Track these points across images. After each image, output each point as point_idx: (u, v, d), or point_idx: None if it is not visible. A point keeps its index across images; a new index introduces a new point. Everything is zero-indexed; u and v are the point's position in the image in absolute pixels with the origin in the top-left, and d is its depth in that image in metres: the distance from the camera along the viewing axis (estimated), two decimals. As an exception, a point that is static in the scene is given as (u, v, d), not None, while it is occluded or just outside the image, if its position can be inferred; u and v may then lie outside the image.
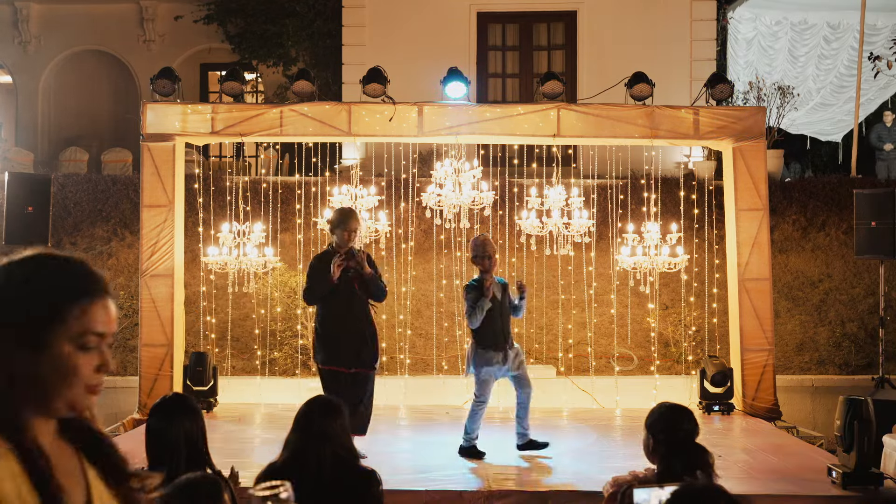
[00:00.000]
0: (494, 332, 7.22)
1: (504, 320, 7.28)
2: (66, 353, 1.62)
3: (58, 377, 1.61)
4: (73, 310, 1.63)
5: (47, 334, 1.60)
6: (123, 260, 11.70)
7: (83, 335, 1.63)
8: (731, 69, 14.08)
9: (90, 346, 1.65)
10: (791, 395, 10.32)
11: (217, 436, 8.06)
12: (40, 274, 1.65)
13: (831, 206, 11.92)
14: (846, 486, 6.16)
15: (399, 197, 10.96)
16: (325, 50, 14.34)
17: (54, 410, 1.64)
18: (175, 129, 9.44)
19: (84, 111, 17.16)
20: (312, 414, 3.81)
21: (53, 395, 1.62)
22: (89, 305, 1.66)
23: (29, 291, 1.62)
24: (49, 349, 1.60)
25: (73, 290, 1.65)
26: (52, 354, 1.61)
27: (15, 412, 1.59)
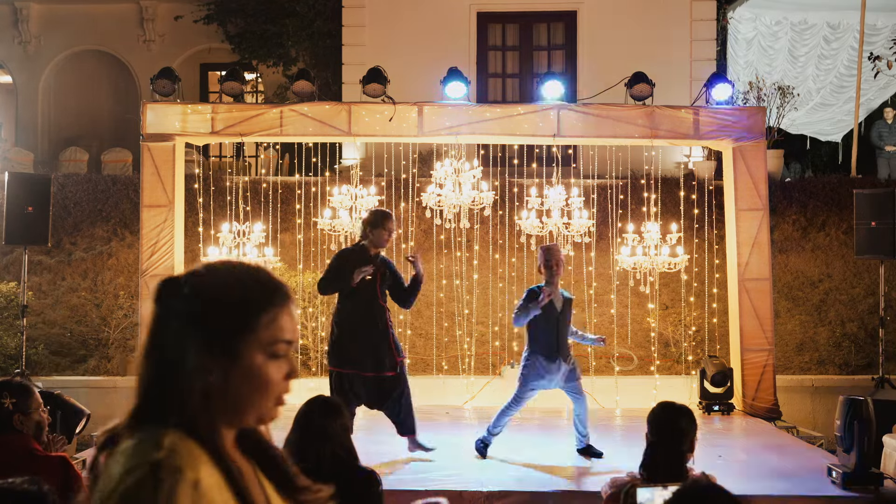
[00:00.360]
0: (548, 342, 7.15)
1: (561, 333, 7.19)
2: (258, 363, 1.60)
3: (250, 387, 1.60)
4: (263, 319, 1.61)
5: (239, 344, 1.58)
6: (123, 260, 11.70)
7: (273, 344, 1.62)
8: (731, 69, 14.07)
9: (280, 354, 1.63)
10: (791, 395, 10.31)
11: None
12: (233, 284, 1.63)
13: (831, 206, 11.92)
14: (846, 486, 6.16)
15: (399, 197, 10.96)
16: (325, 50, 14.34)
17: (244, 421, 1.63)
18: (175, 129, 9.44)
19: (84, 111, 17.16)
20: (312, 414, 3.81)
21: (246, 405, 1.61)
22: (278, 314, 1.63)
23: (223, 302, 1.60)
24: (241, 359, 1.59)
25: (262, 299, 1.63)
26: (245, 365, 1.59)
27: (208, 423, 1.57)
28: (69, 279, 11.58)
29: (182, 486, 1.45)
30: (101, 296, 11.34)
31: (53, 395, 6.14)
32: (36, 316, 11.03)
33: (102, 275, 11.59)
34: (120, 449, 1.52)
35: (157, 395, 1.57)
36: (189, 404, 1.55)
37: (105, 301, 11.24)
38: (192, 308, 1.59)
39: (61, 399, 6.13)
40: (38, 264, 11.64)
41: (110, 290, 11.39)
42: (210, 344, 1.57)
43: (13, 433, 3.94)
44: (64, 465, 3.95)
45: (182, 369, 1.56)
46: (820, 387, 10.51)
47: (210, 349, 1.57)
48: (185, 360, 1.56)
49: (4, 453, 3.85)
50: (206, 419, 1.57)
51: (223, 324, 1.58)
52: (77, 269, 11.69)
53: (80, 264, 11.73)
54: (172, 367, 1.57)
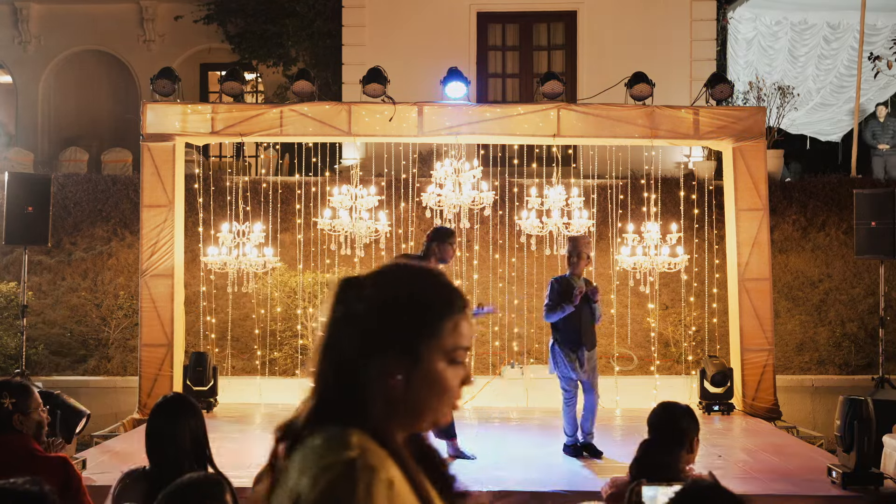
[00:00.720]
0: (572, 332, 7.31)
1: (584, 322, 7.33)
2: (439, 368, 1.61)
3: (431, 392, 1.61)
4: (447, 324, 1.62)
5: (423, 349, 1.59)
6: (123, 260, 11.70)
7: (455, 350, 1.62)
8: (731, 69, 14.07)
9: (459, 360, 1.64)
10: (791, 395, 10.31)
11: (217, 436, 8.05)
12: (417, 289, 1.64)
13: (831, 206, 11.92)
14: (846, 486, 6.16)
15: (399, 197, 10.96)
16: (325, 50, 14.33)
17: (421, 425, 1.64)
18: (175, 129, 9.44)
19: (84, 111, 17.15)
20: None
21: (425, 409, 1.62)
22: (459, 320, 1.64)
23: (409, 306, 1.61)
24: (424, 364, 1.59)
25: (445, 304, 1.63)
26: (427, 369, 1.60)
27: (389, 425, 1.58)
28: (69, 279, 11.58)
29: (378, 484, 1.46)
30: (101, 296, 11.34)
31: (53, 395, 6.14)
32: (36, 316, 11.03)
33: (102, 275, 11.59)
34: (308, 446, 1.54)
35: (336, 395, 1.59)
36: (371, 406, 1.57)
37: (105, 301, 11.24)
38: (376, 311, 1.60)
39: (61, 399, 6.12)
40: (38, 264, 11.64)
41: (110, 290, 11.40)
42: (394, 347, 1.58)
43: (13, 433, 3.94)
44: (64, 466, 3.95)
45: (364, 371, 1.57)
46: (820, 387, 10.51)
47: (394, 353, 1.58)
48: (368, 362, 1.58)
49: (4, 453, 3.85)
50: (386, 421, 1.58)
51: (408, 328, 1.59)
52: (77, 269, 11.69)
53: (80, 264, 11.73)
54: (353, 367, 1.58)
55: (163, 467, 3.57)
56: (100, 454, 7.44)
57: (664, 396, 8.43)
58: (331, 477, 1.46)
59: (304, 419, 1.59)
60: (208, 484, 2.94)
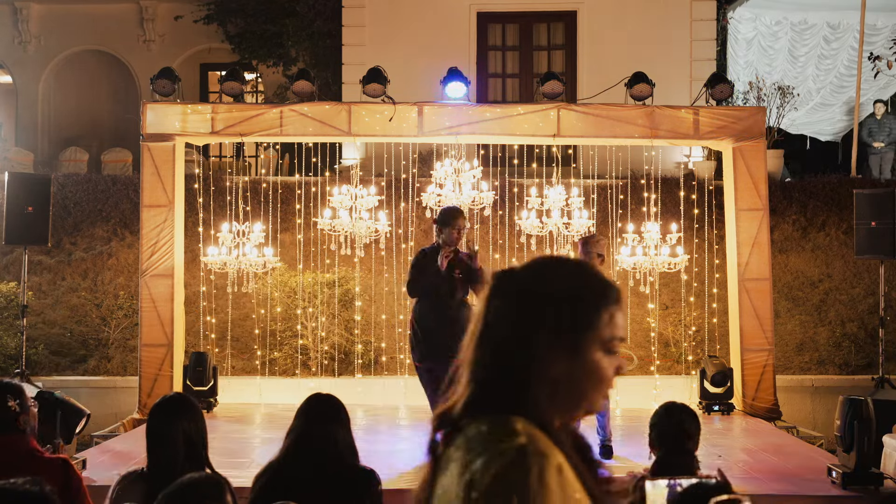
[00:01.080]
0: None
1: None
2: (597, 358, 1.65)
3: (590, 382, 1.65)
4: (605, 315, 1.67)
5: (583, 340, 1.64)
6: (123, 260, 11.70)
7: (611, 340, 1.67)
8: (731, 69, 14.07)
9: (614, 350, 1.68)
10: (791, 395, 10.32)
11: (217, 436, 8.05)
12: (575, 281, 1.69)
13: (831, 206, 11.92)
14: (846, 486, 6.16)
15: (399, 197, 10.96)
16: (325, 50, 14.33)
17: (577, 413, 1.68)
18: (175, 129, 9.44)
19: (84, 111, 17.16)
20: (312, 412, 3.80)
21: (583, 399, 1.66)
22: (615, 311, 1.69)
23: (569, 298, 1.66)
24: (583, 354, 1.64)
25: (603, 296, 1.69)
26: (586, 359, 1.64)
27: (549, 413, 1.62)
28: (69, 279, 11.58)
29: (550, 469, 1.50)
30: (101, 296, 11.34)
31: (53, 395, 6.14)
32: (36, 316, 11.03)
33: (102, 275, 11.59)
34: (472, 433, 1.57)
35: (496, 384, 1.62)
36: (532, 395, 1.61)
37: (105, 301, 11.24)
38: (537, 302, 1.64)
39: (61, 399, 6.12)
40: (38, 264, 11.64)
41: (110, 290, 11.39)
42: (555, 338, 1.62)
43: (15, 434, 3.95)
44: (64, 466, 3.96)
45: (525, 361, 1.62)
46: (820, 387, 10.51)
47: (555, 343, 1.62)
48: (529, 353, 1.62)
49: (5, 454, 3.86)
50: (547, 409, 1.62)
51: (569, 319, 1.64)
52: (77, 269, 11.69)
53: (80, 264, 11.73)
54: (513, 358, 1.62)
55: (160, 468, 3.58)
56: (100, 454, 7.43)
57: (664, 396, 8.44)
58: (503, 462, 1.49)
59: (462, 408, 1.64)
60: (208, 484, 2.94)
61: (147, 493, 3.44)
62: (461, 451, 1.55)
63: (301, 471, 3.66)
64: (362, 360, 10.58)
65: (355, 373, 10.50)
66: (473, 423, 1.59)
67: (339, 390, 7.59)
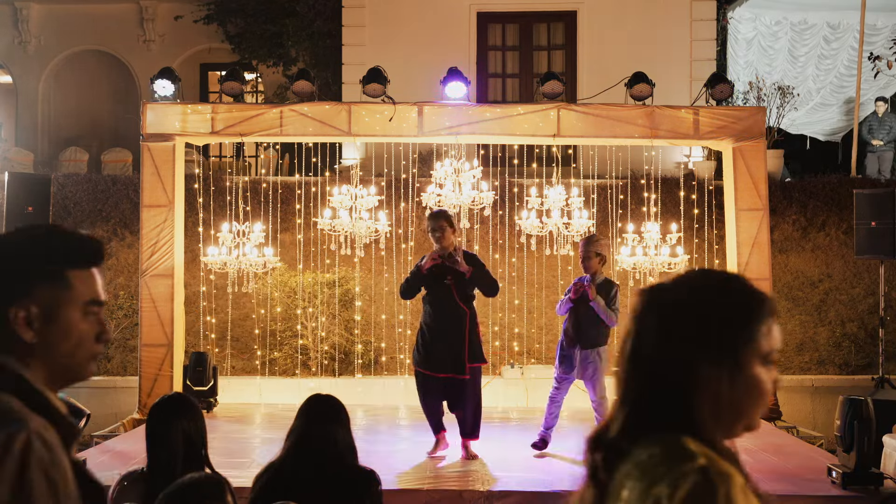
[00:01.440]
0: (567, 329, 7.35)
1: (580, 321, 7.28)
2: (756, 372, 1.63)
3: (750, 397, 1.64)
4: (763, 328, 1.65)
5: (743, 354, 1.62)
6: (123, 260, 11.70)
7: (770, 353, 1.65)
8: (731, 69, 14.07)
9: (772, 362, 1.67)
10: (791, 395, 10.31)
11: (217, 436, 8.06)
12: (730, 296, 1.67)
13: (831, 206, 11.91)
14: (846, 486, 6.16)
15: (399, 197, 10.96)
16: (325, 50, 14.33)
17: (739, 429, 1.68)
18: (175, 129, 9.44)
19: (84, 111, 17.16)
20: (312, 412, 3.80)
21: (743, 414, 1.66)
22: (771, 323, 1.67)
23: (728, 313, 1.64)
24: (744, 369, 1.62)
25: (759, 309, 1.67)
26: (747, 374, 1.62)
27: (714, 432, 1.62)
28: (69, 279, 11.57)
29: (735, 489, 1.50)
30: (101, 296, 11.33)
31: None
32: (36, 316, 11.02)
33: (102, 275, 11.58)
34: (642, 459, 1.55)
35: (656, 403, 1.60)
36: (697, 412, 1.60)
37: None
38: (695, 320, 1.62)
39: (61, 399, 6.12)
40: (38, 264, 11.63)
41: (110, 290, 11.39)
42: (716, 354, 1.60)
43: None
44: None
45: (687, 379, 1.60)
46: (820, 387, 10.51)
47: (717, 360, 1.60)
48: (690, 371, 1.60)
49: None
50: (712, 427, 1.61)
51: (729, 334, 1.62)
52: (77, 269, 11.68)
53: (80, 264, 11.72)
54: (673, 377, 1.60)
55: (159, 468, 3.58)
56: (100, 454, 7.44)
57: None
58: (689, 486, 1.47)
59: (621, 430, 1.61)
60: (209, 484, 2.95)
61: (147, 493, 3.44)
62: (634, 477, 1.53)
63: (301, 471, 3.67)
64: (362, 360, 10.58)
65: (355, 373, 10.50)
66: (642, 447, 1.56)
67: (339, 390, 7.60)
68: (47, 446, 1.60)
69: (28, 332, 1.69)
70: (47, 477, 1.58)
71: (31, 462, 1.56)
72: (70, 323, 1.74)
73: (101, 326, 1.79)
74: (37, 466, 1.57)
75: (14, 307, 1.68)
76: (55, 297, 1.71)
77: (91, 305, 1.78)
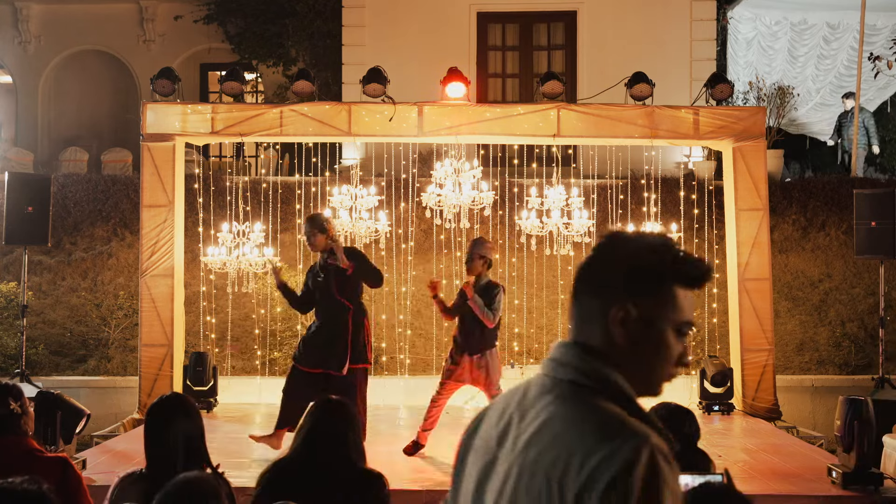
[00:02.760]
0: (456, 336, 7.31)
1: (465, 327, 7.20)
2: None
3: None
4: None
5: None
6: (123, 260, 11.70)
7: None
8: (731, 69, 14.07)
9: None
10: (791, 395, 10.31)
11: (217, 436, 8.07)
12: None
13: (831, 206, 11.92)
14: (846, 486, 6.16)
15: (399, 197, 10.96)
16: (325, 50, 14.34)
17: None
18: (175, 129, 9.44)
19: (84, 111, 17.16)
20: (320, 414, 3.80)
21: None
22: None
23: None
24: None
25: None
26: None
27: None
28: (69, 279, 11.58)
29: None
30: (101, 296, 11.34)
31: (53, 395, 6.14)
32: (36, 316, 11.03)
33: (102, 275, 11.59)
34: None
35: None
36: None
37: (105, 301, 11.24)
38: None
39: (61, 399, 6.12)
40: (38, 264, 11.64)
41: (110, 290, 11.39)
42: None
43: (15, 435, 3.96)
44: (63, 465, 3.96)
45: None
46: (820, 387, 10.51)
47: None
48: None
49: (6, 455, 3.86)
50: None
51: None
52: (77, 269, 11.69)
53: (80, 264, 11.73)
54: None
55: (158, 468, 3.58)
56: (100, 454, 7.44)
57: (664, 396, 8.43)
58: None
59: None
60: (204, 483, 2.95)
61: (146, 493, 3.43)
62: None
63: (308, 471, 3.67)
64: (362, 360, 10.57)
65: (355, 373, 10.50)
66: None
67: (338, 390, 7.60)
68: (667, 460, 1.54)
69: (621, 332, 1.68)
70: (673, 494, 1.51)
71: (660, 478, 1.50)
72: (663, 337, 1.72)
73: (685, 350, 1.78)
74: (663, 483, 1.50)
75: (615, 307, 1.68)
76: (656, 308, 1.71)
77: (684, 326, 1.77)
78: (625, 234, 1.79)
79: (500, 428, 1.66)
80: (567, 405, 1.59)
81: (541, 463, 1.53)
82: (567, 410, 1.58)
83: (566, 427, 1.55)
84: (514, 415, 1.65)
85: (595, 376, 1.63)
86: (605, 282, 1.70)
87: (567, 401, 1.60)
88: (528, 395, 1.67)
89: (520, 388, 1.72)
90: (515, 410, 1.66)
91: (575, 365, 1.65)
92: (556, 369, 1.66)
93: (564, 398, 1.61)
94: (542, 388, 1.65)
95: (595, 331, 1.68)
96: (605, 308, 1.67)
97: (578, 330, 1.71)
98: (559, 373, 1.66)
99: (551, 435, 1.55)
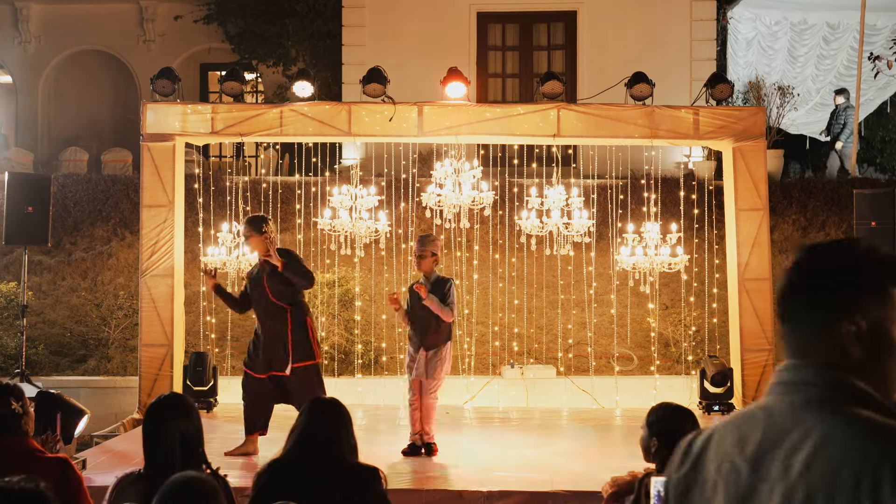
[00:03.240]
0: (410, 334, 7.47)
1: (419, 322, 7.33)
2: None
3: None
4: None
5: None
6: (123, 260, 11.70)
7: None
8: (731, 69, 14.07)
9: None
10: (791, 395, 10.30)
11: (217, 436, 8.07)
12: None
13: (831, 206, 11.92)
14: (846, 486, 6.15)
15: (399, 197, 10.96)
16: (325, 50, 14.34)
17: None
18: (175, 129, 9.44)
19: (84, 111, 17.16)
20: (314, 412, 3.81)
21: None
22: None
23: None
24: None
25: None
26: None
27: None
28: (69, 279, 11.58)
29: None
30: (101, 296, 11.34)
31: (53, 395, 6.14)
32: (36, 316, 11.03)
33: (102, 275, 11.59)
34: None
35: None
36: None
37: (105, 301, 11.24)
38: None
39: (61, 399, 6.12)
40: (38, 264, 11.64)
41: (110, 290, 11.39)
42: None
43: (15, 435, 3.96)
44: (63, 466, 3.96)
45: None
46: (820, 387, 10.50)
47: None
48: None
49: (6, 455, 3.86)
50: None
51: None
52: (77, 269, 11.69)
53: (80, 264, 11.73)
54: None
55: (157, 468, 3.57)
56: (100, 454, 7.44)
57: (664, 397, 8.43)
58: None
59: None
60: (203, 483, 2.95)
61: (145, 493, 3.43)
62: None
63: (303, 469, 3.67)
64: (362, 360, 10.58)
65: (355, 373, 10.50)
66: None
67: (339, 390, 7.61)
68: None
69: (857, 346, 1.68)
70: None
71: None
72: (894, 340, 1.72)
73: None
74: None
75: (845, 321, 1.69)
76: (882, 313, 1.70)
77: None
78: (822, 246, 1.78)
79: (750, 456, 1.67)
80: (836, 421, 1.61)
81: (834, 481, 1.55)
82: (837, 427, 1.60)
83: (845, 442, 1.57)
84: (765, 442, 1.67)
85: (845, 390, 1.66)
86: (824, 298, 1.71)
87: (832, 416, 1.62)
88: (774, 419, 1.68)
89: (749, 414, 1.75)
90: (763, 437, 1.67)
91: (822, 383, 1.68)
92: (801, 389, 1.70)
93: (826, 415, 1.63)
94: (794, 407, 1.68)
95: (823, 347, 1.71)
96: (831, 323, 1.69)
97: (804, 349, 1.75)
98: (807, 393, 1.69)
99: (834, 453, 1.57)
